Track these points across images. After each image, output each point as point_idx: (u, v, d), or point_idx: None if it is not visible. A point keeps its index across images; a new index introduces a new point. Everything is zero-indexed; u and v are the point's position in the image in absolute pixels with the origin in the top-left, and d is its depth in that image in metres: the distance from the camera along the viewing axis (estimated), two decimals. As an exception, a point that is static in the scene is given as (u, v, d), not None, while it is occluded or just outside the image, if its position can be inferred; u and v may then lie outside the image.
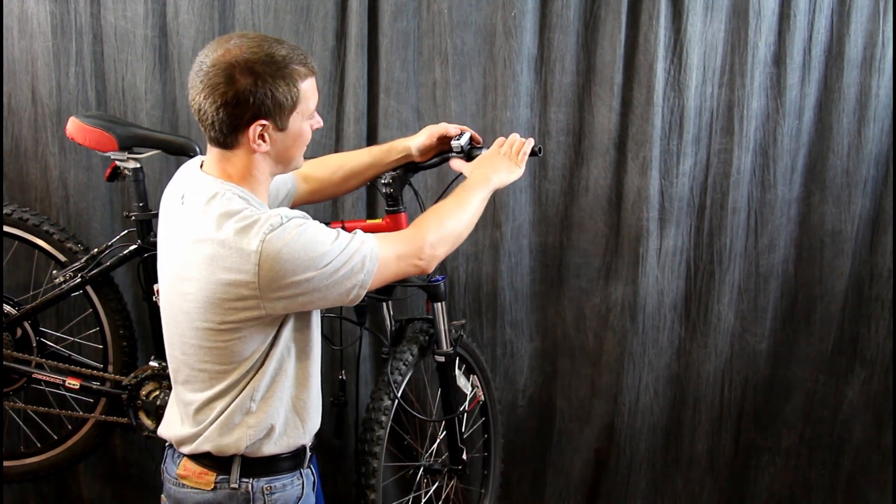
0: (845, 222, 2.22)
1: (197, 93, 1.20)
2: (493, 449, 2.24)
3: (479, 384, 2.12)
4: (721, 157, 2.18)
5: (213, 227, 1.19)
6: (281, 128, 1.24)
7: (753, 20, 2.08)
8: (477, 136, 1.71)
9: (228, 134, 1.22)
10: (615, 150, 2.17)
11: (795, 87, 2.14)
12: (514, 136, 1.64)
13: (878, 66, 2.11)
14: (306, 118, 1.28)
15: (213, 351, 1.25)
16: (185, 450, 1.32)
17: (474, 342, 2.11)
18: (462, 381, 2.06)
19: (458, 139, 1.66)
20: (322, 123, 1.33)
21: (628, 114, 2.15)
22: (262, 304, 1.20)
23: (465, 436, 2.06)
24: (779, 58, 2.12)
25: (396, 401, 1.82)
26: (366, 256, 1.25)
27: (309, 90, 1.26)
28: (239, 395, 1.27)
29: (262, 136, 1.23)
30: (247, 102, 1.19)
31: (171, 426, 1.37)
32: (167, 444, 1.38)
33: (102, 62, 2.05)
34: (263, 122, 1.22)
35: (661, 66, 2.09)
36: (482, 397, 2.15)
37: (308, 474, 1.41)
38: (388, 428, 1.83)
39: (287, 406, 1.32)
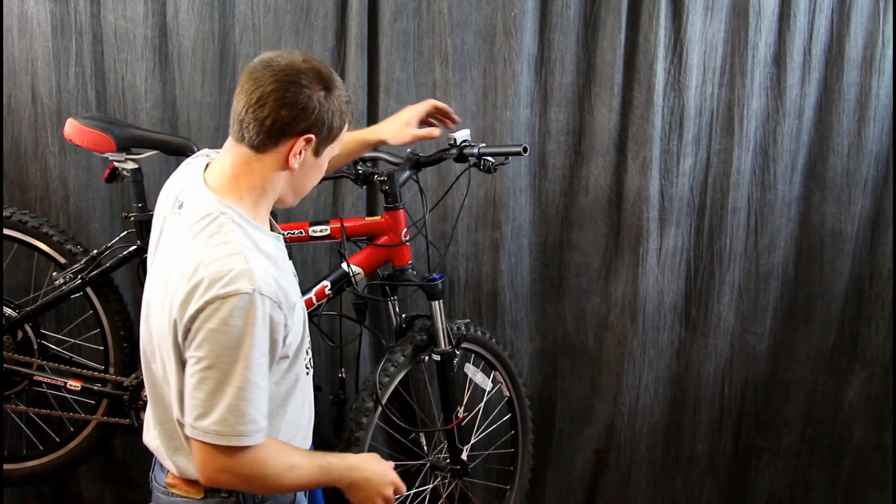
0: (845, 222, 2.22)
1: (258, 86, 1.11)
2: (520, 445, 2.18)
3: (502, 380, 2.10)
4: (721, 157, 2.18)
5: (190, 270, 1.09)
6: (316, 153, 1.19)
7: (753, 20, 2.08)
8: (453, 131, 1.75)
9: (269, 137, 1.13)
10: (615, 150, 2.17)
11: (795, 87, 2.14)
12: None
13: (878, 66, 2.12)
14: (329, 155, 1.23)
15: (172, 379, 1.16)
16: (167, 465, 1.23)
17: (493, 338, 2.07)
18: (479, 378, 2.04)
19: (453, 131, 1.67)
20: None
21: (628, 114, 2.15)
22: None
23: (480, 433, 2.02)
24: (779, 58, 2.12)
25: (380, 406, 1.77)
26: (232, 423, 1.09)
27: (345, 132, 1.24)
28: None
29: (300, 153, 1.16)
30: (310, 111, 1.14)
31: (148, 431, 1.28)
32: None
33: (102, 62, 2.04)
34: (311, 137, 1.15)
35: (661, 66, 2.09)
36: (507, 393, 2.12)
37: None
38: (372, 429, 1.80)
39: None
